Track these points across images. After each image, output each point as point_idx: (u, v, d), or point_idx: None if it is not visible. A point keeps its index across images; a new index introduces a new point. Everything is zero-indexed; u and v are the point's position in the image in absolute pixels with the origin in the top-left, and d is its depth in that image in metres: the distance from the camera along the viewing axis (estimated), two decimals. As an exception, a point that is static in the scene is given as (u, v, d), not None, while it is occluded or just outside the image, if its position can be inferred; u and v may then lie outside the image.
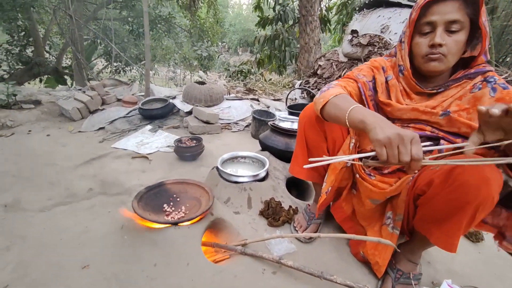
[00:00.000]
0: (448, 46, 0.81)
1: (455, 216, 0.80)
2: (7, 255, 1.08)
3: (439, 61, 0.84)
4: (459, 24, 0.79)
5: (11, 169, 1.82)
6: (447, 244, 0.84)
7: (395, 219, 1.00)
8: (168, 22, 7.57)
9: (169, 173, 1.93)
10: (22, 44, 6.31)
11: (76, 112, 2.95)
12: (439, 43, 0.81)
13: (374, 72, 1.01)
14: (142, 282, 0.94)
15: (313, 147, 1.13)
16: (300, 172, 1.21)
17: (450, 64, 0.85)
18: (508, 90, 0.81)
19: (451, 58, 0.83)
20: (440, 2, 0.80)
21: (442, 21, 0.80)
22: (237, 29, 19.64)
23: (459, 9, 0.78)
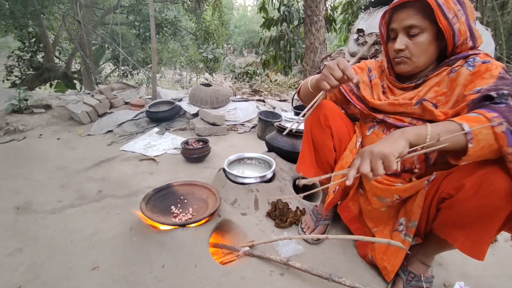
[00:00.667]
0: (409, 49, 0.89)
1: (485, 222, 0.76)
2: (19, 257, 1.10)
3: (404, 63, 0.92)
4: (417, 28, 0.86)
5: (23, 172, 1.86)
6: (475, 251, 0.81)
7: (408, 225, 0.97)
8: (174, 25, 7.65)
9: (176, 175, 1.94)
10: (33, 50, 6.48)
11: (85, 116, 3.00)
12: (398, 48, 0.90)
13: (357, 71, 1.11)
14: (151, 283, 0.95)
15: (320, 146, 1.13)
16: (307, 171, 1.20)
17: (418, 64, 0.91)
18: (488, 64, 0.80)
19: (416, 59, 0.90)
20: (398, 11, 0.89)
21: (400, 27, 0.89)
22: (242, 31, 19.70)
23: (415, 15, 0.85)
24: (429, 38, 0.87)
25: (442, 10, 0.82)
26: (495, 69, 0.79)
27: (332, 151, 1.13)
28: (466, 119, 0.69)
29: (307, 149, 1.18)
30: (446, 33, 0.84)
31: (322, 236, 0.97)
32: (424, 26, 0.85)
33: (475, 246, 0.81)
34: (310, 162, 1.19)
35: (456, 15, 0.83)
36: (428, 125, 0.73)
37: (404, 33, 0.89)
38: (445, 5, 0.82)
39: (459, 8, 0.83)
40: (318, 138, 1.12)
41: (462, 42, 0.85)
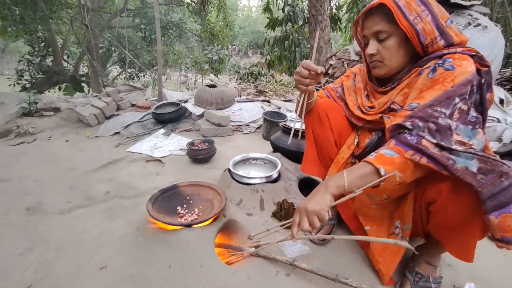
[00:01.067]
0: (380, 54, 0.92)
1: (467, 225, 0.79)
2: (30, 256, 1.13)
3: (378, 67, 0.95)
4: (384, 32, 0.89)
5: (33, 174, 1.90)
6: (462, 254, 0.85)
7: (403, 228, 0.99)
8: (179, 28, 7.72)
9: (182, 176, 1.96)
10: (42, 54, 6.61)
11: (93, 118, 3.05)
12: (370, 53, 0.93)
13: (343, 79, 1.20)
14: (157, 283, 0.95)
15: (321, 142, 1.16)
16: (311, 169, 1.23)
17: (391, 67, 0.93)
18: (448, 72, 0.80)
19: (388, 62, 0.92)
20: (367, 18, 0.92)
21: (370, 33, 0.92)
22: (246, 32, 19.75)
23: (381, 21, 0.88)
24: (397, 41, 0.89)
25: (403, 12, 0.84)
26: (451, 81, 0.79)
27: (334, 146, 1.15)
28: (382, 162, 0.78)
29: (309, 146, 1.21)
30: (408, 34, 0.85)
31: (328, 236, 0.97)
32: (390, 30, 0.88)
33: (463, 249, 0.85)
34: (313, 159, 1.21)
35: (419, 15, 0.84)
36: (344, 175, 0.81)
37: (374, 39, 0.92)
38: (406, 7, 0.84)
39: (424, 8, 0.84)
40: (319, 134, 1.16)
41: (431, 41, 0.86)
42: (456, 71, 0.79)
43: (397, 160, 0.78)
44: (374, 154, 0.82)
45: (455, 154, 0.73)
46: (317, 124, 1.15)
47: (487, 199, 0.69)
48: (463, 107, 0.79)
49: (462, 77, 0.79)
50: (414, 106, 0.83)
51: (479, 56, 0.84)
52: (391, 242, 0.83)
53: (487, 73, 0.82)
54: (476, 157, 0.72)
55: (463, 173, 0.72)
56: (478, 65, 0.83)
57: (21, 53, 7.04)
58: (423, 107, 0.81)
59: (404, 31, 0.85)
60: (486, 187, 0.69)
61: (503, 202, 0.68)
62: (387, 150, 0.81)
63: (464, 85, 0.78)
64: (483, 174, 0.70)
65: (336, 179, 0.82)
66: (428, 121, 0.79)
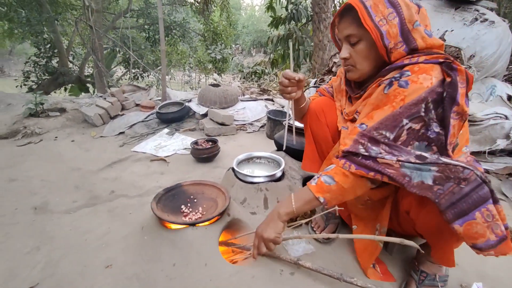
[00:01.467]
0: (352, 58, 0.91)
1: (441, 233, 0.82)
2: (37, 255, 1.14)
3: (351, 71, 0.94)
4: (355, 36, 0.87)
5: (40, 174, 1.92)
6: (443, 260, 0.91)
7: (381, 231, 1.02)
8: (183, 27, 7.73)
9: (186, 175, 1.96)
10: (48, 56, 6.70)
11: (98, 118, 3.08)
12: (342, 57, 0.92)
13: (333, 79, 1.19)
14: (162, 281, 0.96)
15: (320, 139, 1.17)
16: (312, 167, 1.24)
17: (363, 71, 0.92)
18: (400, 89, 0.79)
19: (359, 66, 0.91)
20: (339, 22, 0.91)
21: (342, 37, 0.91)
22: (250, 31, 19.73)
23: (351, 25, 0.86)
24: (367, 45, 0.86)
25: (369, 12, 0.81)
26: (401, 101, 0.79)
27: (331, 142, 1.15)
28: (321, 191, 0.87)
29: (309, 144, 1.23)
30: (373, 35, 0.82)
31: (333, 235, 0.96)
32: (360, 34, 0.86)
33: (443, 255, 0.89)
34: (313, 157, 1.23)
35: (385, 17, 0.81)
36: (292, 202, 0.92)
37: (346, 42, 0.90)
38: (373, 8, 0.81)
39: (392, 11, 0.81)
40: (317, 132, 1.17)
41: (394, 45, 0.83)
42: (408, 89, 0.78)
43: (334, 188, 0.86)
44: (316, 180, 0.90)
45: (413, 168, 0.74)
46: (314, 121, 1.16)
47: (446, 209, 0.70)
48: (414, 127, 0.79)
49: (414, 96, 0.77)
50: (364, 127, 0.85)
51: (447, 63, 0.78)
52: (397, 241, 0.82)
53: (449, 85, 0.76)
54: (436, 166, 0.71)
55: (420, 188, 0.73)
56: (445, 74, 0.78)
57: (28, 55, 7.15)
58: (370, 130, 0.83)
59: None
60: (444, 197, 0.69)
61: (465, 209, 0.68)
62: (326, 178, 0.87)
63: (415, 104, 0.77)
64: (439, 184, 0.70)
65: (286, 206, 0.93)
66: (379, 142, 0.81)
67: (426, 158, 0.74)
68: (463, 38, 2.65)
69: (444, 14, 2.82)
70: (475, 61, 2.61)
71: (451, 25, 2.74)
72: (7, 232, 1.29)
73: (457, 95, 0.75)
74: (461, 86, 0.75)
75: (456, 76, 0.76)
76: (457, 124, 0.78)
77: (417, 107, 0.77)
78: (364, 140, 0.83)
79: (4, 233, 1.29)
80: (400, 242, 0.81)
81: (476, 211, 0.68)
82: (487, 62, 2.62)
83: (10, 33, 7.63)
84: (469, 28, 2.66)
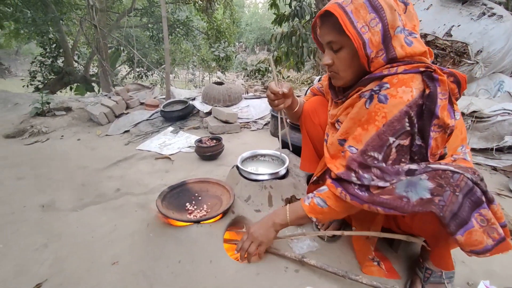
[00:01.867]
0: (335, 64, 0.86)
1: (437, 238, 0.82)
2: (45, 252, 1.16)
3: (334, 78, 0.91)
4: (337, 43, 0.82)
5: (47, 172, 1.95)
6: (441, 264, 0.90)
7: None
8: (186, 26, 7.74)
9: (191, 173, 1.97)
10: (54, 56, 6.77)
11: (103, 117, 3.11)
12: (325, 63, 0.88)
13: (323, 79, 1.15)
14: (167, 278, 0.97)
15: (315, 139, 1.17)
16: (310, 167, 1.23)
17: (347, 79, 0.87)
18: (380, 105, 0.76)
19: (342, 73, 0.87)
20: (320, 26, 0.86)
21: (324, 43, 0.86)
22: (253, 28, 19.66)
23: (332, 31, 0.81)
24: (350, 52, 0.81)
25: (350, 19, 0.75)
26: (383, 118, 0.75)
27: None
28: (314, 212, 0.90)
29: (306, 145, 1.22)
30: (355, 43, 0.76)
31: (338, 232, 0.96)
32: (342, 41, 0.80)
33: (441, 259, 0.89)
34: (312, 157, 1.22)
35: (367, 24, 0.75)
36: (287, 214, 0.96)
37: (329, 48, 0.85)
38: (354, 13, 0.75)
39: (374, 16, 0.74)
40: (312, 133, 1.16)
41: (375, 54, 0.77)
42: (388, 105, 0.74)
43: (326, 210, 0.88)
44: (309, 200, 0.91)
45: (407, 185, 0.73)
46: (308, 122, 1.16)
47: (451, 221, 0.67)
48: (402, 143, 0.76)
49: (395, 111, 0.73)
50: (354, 151, 0.82)
51: (428, 72, 0.73)
52: (402, 238, 0.82)
53: (427, 98, 0.72)
54: (425, 174, 0.70)
55: (421, 205, 0.71)
56: (425, 85, 0.73)
57: (34, 55, 7.23)
58: (359, 155, 0.80)
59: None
60: (447, 209, 0.67)
61: (464, 218, 0.67)
62: (319, 200, 0.89)
63: (398, 120, 0.74)
64: (438, 195, 0.68)
65: (281, 218, 0.97)
66: (370, 167, 0.78)
67: (416, 170, 0.73)
68: (470, 33, 2.60)
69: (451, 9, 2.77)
70: (482, 56, 2.57)
71: (458, 20, 2.69)
72: (16, 229, 1.32)
73: (436, 108, 0.71)
74: (442, 98, 0.71)
75: (436, 87, 0.71)
76: (439, 136, 0.74)
77: (400, 123, 0.74)
78: (355, 167, 0.81)
79: (13, 230, 1.31)
80: (406, 239, 0.81)
81: (472, 218, 0.67)
82: (495, 57, 2.57)
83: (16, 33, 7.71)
84: (477, 22, 2.61)
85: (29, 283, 1.00)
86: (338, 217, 0.92)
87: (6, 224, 1.35)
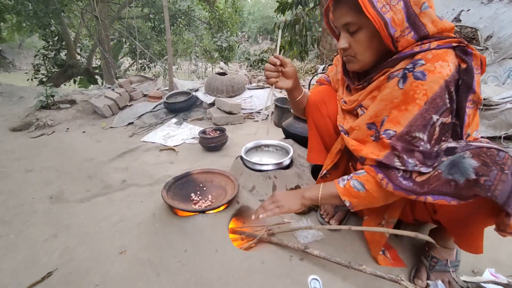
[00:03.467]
0: (353, 48, 0.83)
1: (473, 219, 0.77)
2: (54, 242, 1.19)
3: (351, 62, 0.87)
4: (354, 25, 0.78)
5: (54, 164, 1.98)
6: (471, 247, 0.85)
7: (389, 221, 0.98)
8: (188, 16, 7.64)
9: (195, 164, 1.98)
10: (57, 48, 6.76)
11: (107, 109, 3.12)
12: (341, 47, 0.84)
13: (329, 70, 1.15)
14: (174, 267, 0.99)
15: (322, 130, 1.14)
16: (317, 158, 1.21)
17: (364, 62, 0.84)
18: (418, 82, 0.72)
19: (361, 57, 0.83)
20: (335, 8, 0.82)
21: (339, 25, 0.82)
22: (256, 17, 19.32)
23: (349, 11, 0.77)
24: (369, 34, 0.78)
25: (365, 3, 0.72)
26: (423, 96, 0.71)
27: (333, 134, 1.12)
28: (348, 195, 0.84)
29: (313, 136, 1.19)
30: (376, 24, 0.73)
31: (345, 227, 0.96)
32: (360, 22, 0.77)
33: (470, 242, 0.84)
34: (318, 148, 1.19)
35: (388, 3, 0.72)
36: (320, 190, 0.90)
37: (344, 31, 0.81)
38: None
39: None
40: (320, 124, 1.13)
41: (400, 33, 0.75)
42: (427, 81, 0.70)
43: (363, 194, 0.83)
44: (344, 182, 0.86)
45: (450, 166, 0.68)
46: (315, 113, 1.12)
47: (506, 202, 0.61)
48: (444, 120, 0.72)
49: (436, 87, 0.70)
50: (391, 134, 0.78)
51: (461, 47, 0.71)
52: (411, 235, 0.81)
53: (465, 72, 0.70)
54: (468, 152, 0.65)
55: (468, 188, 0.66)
56: (459, 60, 0.71)
57: (37, 48, 7.24)
58: (401, 136, 0.75)
59: None
60: (496, 188, 0.62)
61: None
62: (356, 183, 0.83)
63: (439, 96, 0.70)
64: (483, 175, 0.63)
65: (313, 192, 0.92)
66: (413, 151, 0.74)
67: (455, 148, 0.69)
68: (480, 18, 2.52)
69: (460, -7, 2.67)
70: (492, 42, 2.49)
71: (467, 4, 2.61)
72: (26, 220, 1.35)
73: (473, 82, 0.69)
74: (477, 73, 0.71)
75: (471, 61, 0.70)
76: (472, 113, 0.73)
77: (442, 99, 0.70)
78: (399, 150, 0.75)
79: (23, 221, 1.34)
80: (415, 236, 0.80)
81: None
82: (506, 43, 2.49)
83: (19, 27, 7.71)
84: (487, 6, 2.52)
85: (40, 272, 1.02)
86: (373, 204, 0.85)
87: (16, 216, 1.38)
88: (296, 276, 0.96)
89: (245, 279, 0.93)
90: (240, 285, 0.91)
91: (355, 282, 0.96)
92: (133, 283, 0.96)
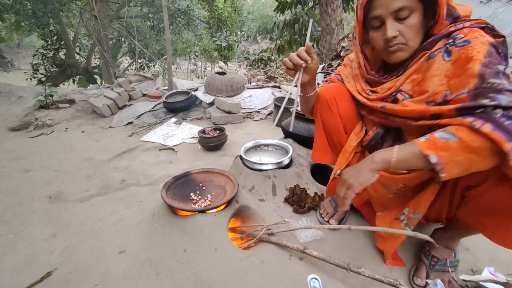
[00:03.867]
0: (403, 34, 0.79)
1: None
2: (54, 241, 1.19)
3: (400, 50, 0.82)
4: (407, 9, 0.75)
5: (53, 164, 1.98)
6: (507, 241, 0.78)
7: (410, 216, 0.94)
8: (187, 15, 7.62)
9: (195, 163, 1.98)
10: (55, 48, 6.74)
11: (106, 109, 3.11)
12: (392, 36, 0.78)
13: (340, 69, 1.12)
14: (174, 266, 0.99)
15: (330, 129, 1.12)
16: (322, 157, 1.20)
17: (413, 48, 0.81)
18: (466, 46, 0.70)
19: (411, 43, 0.80)
20: None
21: (387, 13, 0.77)
22: (255, 17, 19.28)
23: None
24: (420, 17, 0.77)
25: None
26: (478, 54, 0.68)
27: (343, 133, 1.11)
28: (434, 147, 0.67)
29: (319, 134, 1.17)
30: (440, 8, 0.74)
31: (345, 226, 0.95)
32: (414, 6, 0.75)
33: (507, 236, 0.76)
34: (324, 147, 1.18)
35: None
36: (395, 150, 0.75)
37: (392, 19, 0.78)
38: None
39: None
40: (328, 121, 1.11)
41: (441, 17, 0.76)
42: (474, 44, 0.69)
43: (454, 145, 0.64)
44: (426, 136, 0.71)
45: None
46: (325, 111, 1.10)
47: None
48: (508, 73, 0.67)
49: (486, 46, 0.68)
50: (465, 92, 0.68)
51: (489, 27, 0.74)
52: (411, 235, 0.81)
53: (502, 44, 0.71)
54: None
55: None
56: (491, 36, 0.73)
57: (36, 48, 7.21)
58: (477, 88, 0.66)
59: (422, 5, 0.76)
60: None
61: None
62: (443, 133, 0.67)
63: (493, 53, 0.68)
64: None
65: (385, 153, 0.76)
66: (502, 90, 0.63)
67: None
68: (479, 17, 2.52)
69: (459, -8, 2.68)
70: (491, 41, 2.50)
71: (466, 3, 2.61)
72: (25, 220, 1.35)
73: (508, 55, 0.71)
74: None
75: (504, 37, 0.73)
76: None
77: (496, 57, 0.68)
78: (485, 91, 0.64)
79: (23, 220, 1.34)
80: (415, 236, 0.80)
81: None
82: (505, 42, 2.49)
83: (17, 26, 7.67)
84: (486, 5, 2.53)
85: (40, 271, 1.02)
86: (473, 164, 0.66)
87: (16, 215, 1.38)
88: (295, 275, 0.96)
89: (245, 278, 0.93)
90: (240, 284, 0.91)
91: (355, 281, 0.96)
92: (132, 282, 0.96)
